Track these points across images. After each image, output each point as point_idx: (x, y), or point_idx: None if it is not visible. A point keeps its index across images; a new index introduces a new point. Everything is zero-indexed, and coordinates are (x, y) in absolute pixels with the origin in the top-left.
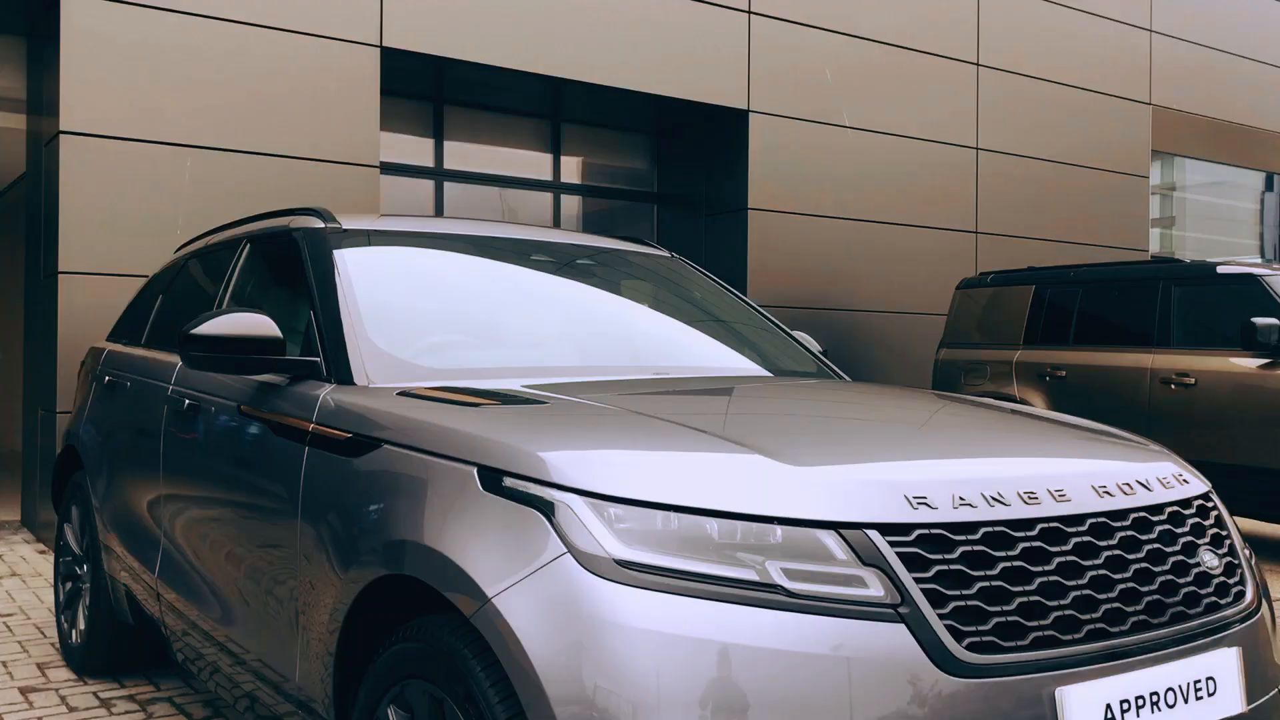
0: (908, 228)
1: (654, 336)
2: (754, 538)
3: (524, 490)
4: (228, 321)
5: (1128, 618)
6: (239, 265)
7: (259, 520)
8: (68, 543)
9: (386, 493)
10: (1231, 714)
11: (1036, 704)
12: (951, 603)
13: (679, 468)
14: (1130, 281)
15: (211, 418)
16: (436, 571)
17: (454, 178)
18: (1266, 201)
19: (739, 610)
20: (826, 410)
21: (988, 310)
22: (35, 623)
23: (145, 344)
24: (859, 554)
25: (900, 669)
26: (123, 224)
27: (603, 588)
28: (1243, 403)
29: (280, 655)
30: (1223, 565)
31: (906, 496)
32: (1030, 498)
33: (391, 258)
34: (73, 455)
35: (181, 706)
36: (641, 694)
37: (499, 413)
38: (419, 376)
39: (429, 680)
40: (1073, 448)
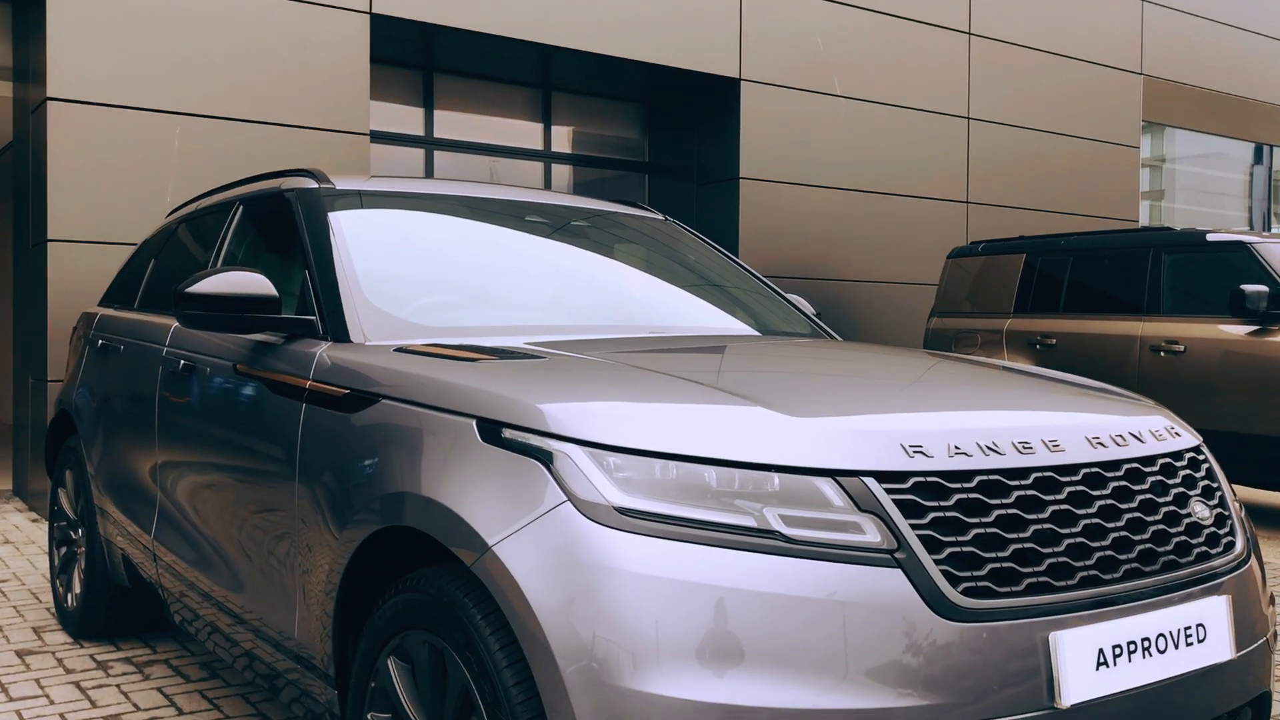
0: (899, 197)
1: (649, 297)
2: (752, 485)
3: (523, 441)
4: (223, 280)
5: (1120, 565)
6: (232, 227)
7: (257, 478)
8: (62, 507)
9: (385, 446)
10: (1221, 660)
11: (1030, 648)
12: (947, 549)
13: (677, 418)
14: (1121, 249)
15: (207, 378)
16: (436, 522)
17: (444, 146)
18: (1255, 174)
19: (737, 555)
20: (822, 366)
21: (978, 279)
22: (30, 588)
23: (138, 308)
24: (856, 501)
25: (896, 613)
26: (112, 191)
27: (603, 534)
28: (1232, 370)
29: (279, 611)
30: (1213, 516)
31: (903, 445)
32: (1024, 447)
33: (386, 218)
34: (66, 420)
35: (178, 669)
36: (641, 638)
37: (497, 367)
38: (415, 334)
39: (429, 630)
40: (1066, 401)
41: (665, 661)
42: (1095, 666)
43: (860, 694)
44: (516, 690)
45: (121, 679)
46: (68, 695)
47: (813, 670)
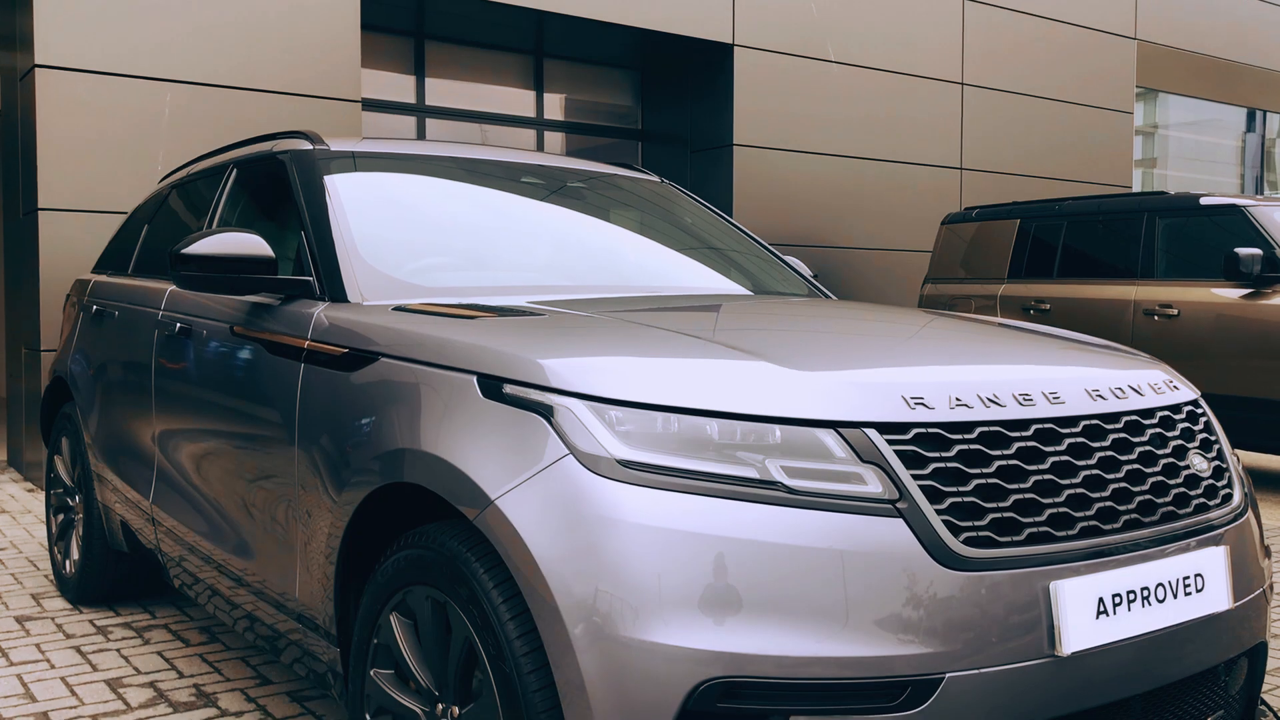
0: (893, 164)
1: (646, 258)
2: (754, 438)
3: (524, 396)
4: (219, 241)
5: (1119, 516)
6: (225, 191)
7: (256, 439)
8: (58, 475)
9: (384, 404)
10: (1219, 610)
11: (1031, 597)
12: (948, 499)
13: (677, 372)
14: (1115, 214)
15: (203, 340)
16: (438, 477)
17: (436, 114)
18: (1248, 141)
19: (740, 506)
20: (821, 323)
21: (972, 245)
22: (27, 556)
23: (132, 273)
24: (858, 452)
25: (898, 562)
26: (102, 160)
27: (605, 486)
28: (1225, 333)
29: (281, 572)
30: (1211, 469)
31: (904, 397)
32: (1025, 400)
33: (381, 178)
34: (61, 387)
35: (178, 633)
36: (644, 588)
37: (496, 324)
38: (412, 295)
39: (432, 585)
40: (1066, 356)
41: (669, 611)
42: (1095, 615)
43: (863, 642)
44: (520, 642)
45: (121, 643)
46: (68, 659)
47: (815, 619)
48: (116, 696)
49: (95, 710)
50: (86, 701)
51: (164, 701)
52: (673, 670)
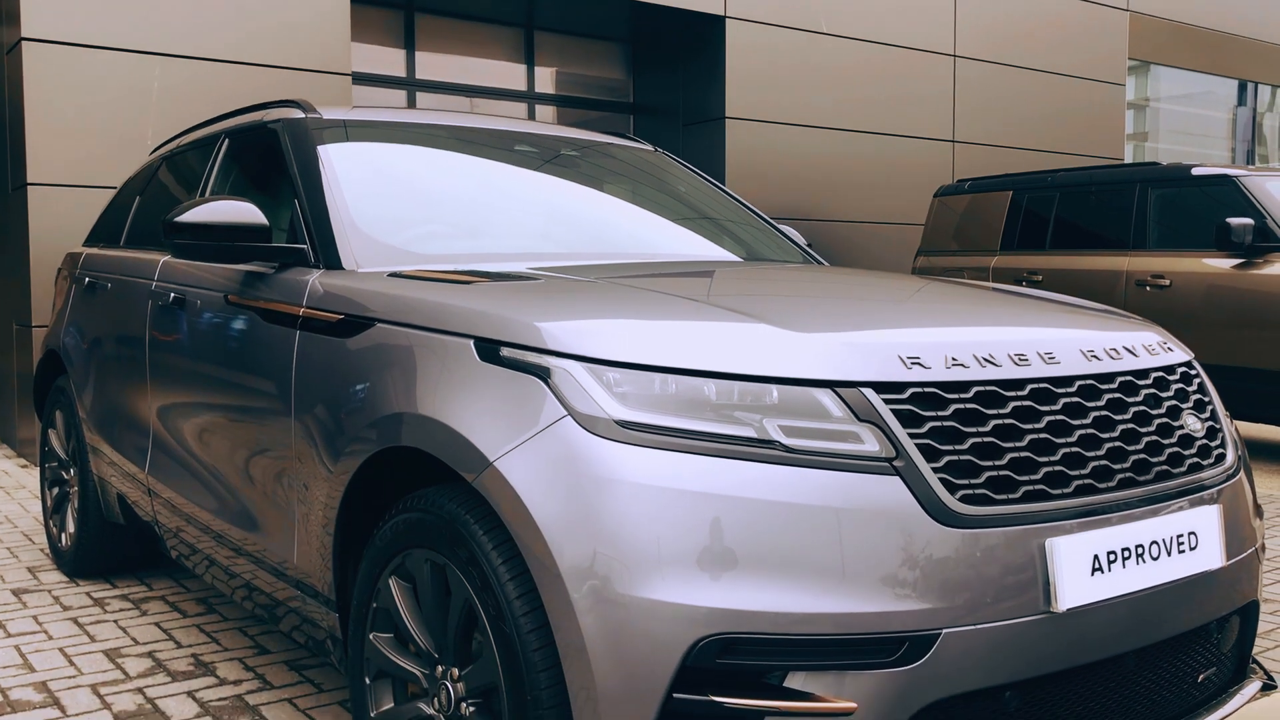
0: (885, 136)
1: (640, 225)
2: (751, 398)
3: (521, 359)
4: (213, 209)
5: (1114, 475)
6: (217, 162)
7: (252, 407)
8: (53, 448)
9: (381, 369)
10: (1212, 568)
11: (1027, 554)
12: (945, 457)
13: (674, 333)
14: (1107, 185)
15: (198, 310)
16: (436, 441)
17: (426, 88)
18: (1239, 115)
19: (738, 465)
20: (817, 287)
21: (965, 217)
22: (22, 530)
23: (124, 246)
24: (855, 411)
25: (895, 520)
26: (91, 134)
27: (603, 446)
28: (1217, 303)
29: (279, 539)
30: (1205, 429)
31: (900, 357)
32: (1020, 360)
33: (374, 146)
34: (54, 360)
35: (175, 604)
36: (644, 546)
37: (493, 288)
38: (407, 261)
39: (431, 548)
40: (1061, 318)
41: (667, 569)
42: (1090, 572)
43: (860, 598)
44: (519, 602)
45: (119, 615)
46: (66, 631)
47: (813, 576)
48: (115, 666)
49: (94, 680)
50: (85, 671)
51: (162, 671)
52: (672, 628)
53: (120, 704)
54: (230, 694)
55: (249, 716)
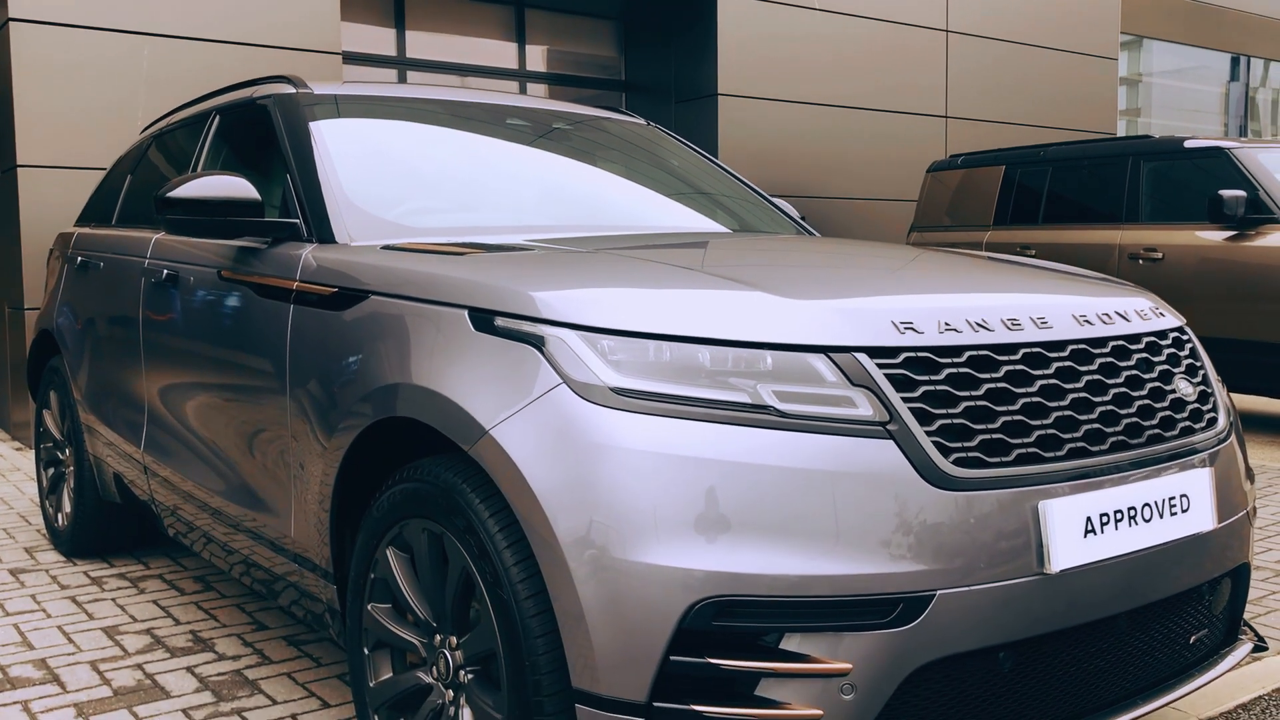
0: (878, 112)
1: (633, 198)
2: (745, 364)
3: (516, 328)
4: (205, 184)
5: (1107, 438)
6: (208, 139)
7: (247, 381)
8: (47, 428)
9: (376, 341)
10: (1203, 530)
11: (1020, 516)
12: (938, 420)
13: (668, 301)
14: (1100, 159)
15: (191, 286)
16: (432, 410)
17: (417, 66)
18: (1231, 90)
19: (732, 430)
20: (811, 257)
21: (958, 192)
22: (19, 512)
23: (116, 225)
24: (848, 376)
25: (889, 483)
26: (81, 115)
27: (599, 413)
28: (1209, 276)
29: (276, 512)
30: (1197, 393)
31: (894, 322)
32: (1013, 324)
33: (366, 120)
34: (47, 340)
35: (172, 583)
36: (639, 511)
37: (486, 259)
38: (400, 234)
39: (427, 518)
40: (1054, 284)
41: (663, 533)
42: (1083, 534)
43: (855, 560)
44: (516, 569)
45: (116, 593)
46: (64, 609)
47: (808, 539)
48: (114, 643)
49: (93, 656)
50: (84, 648)
51: (161, 647)
52: (668, 591)
53: (120, 680)
54: (229, 669)
55: (248, 691)
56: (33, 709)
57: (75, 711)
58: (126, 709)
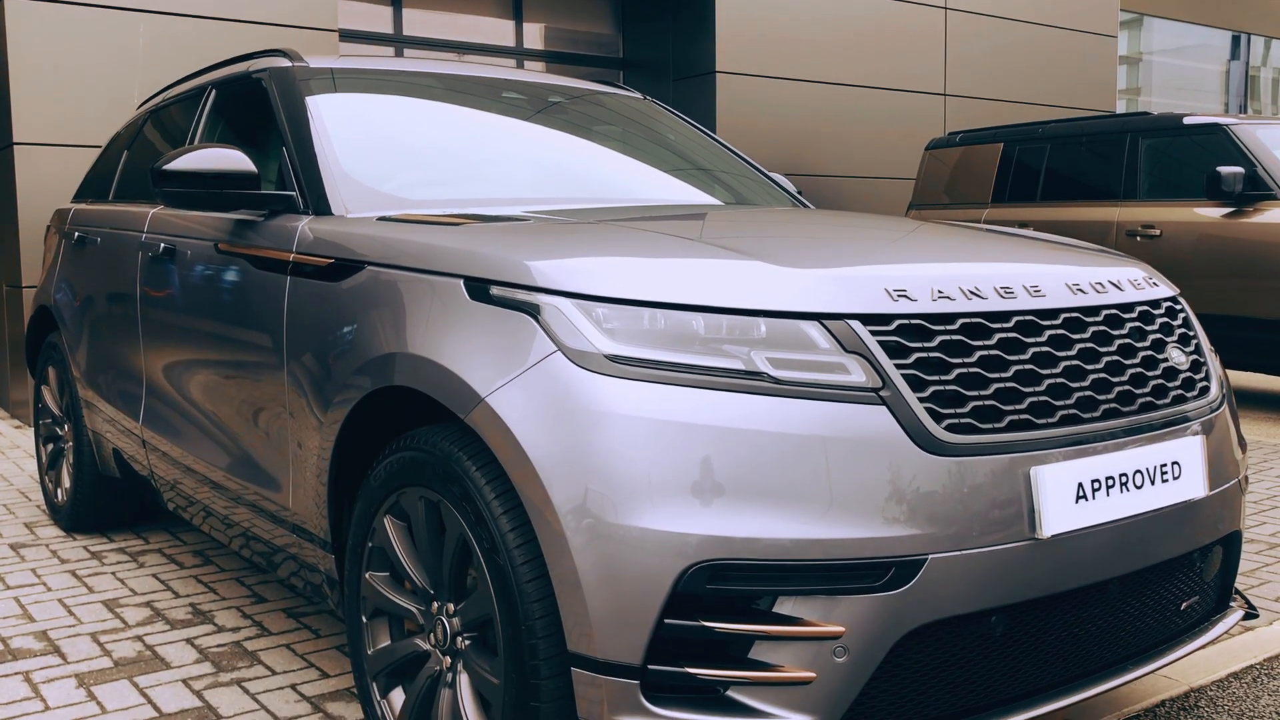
0: (877, 90)
1: (629, 171)
2: (739, 331)
3: (511, 297)
4: (201, 157)
5: (1099, 405)
6: (204, 114)
7: (245, 353)
8: (46, 405)
9: (373, 311)
10: (1194, 497)
11: (1012, 481)
12: (930, 387)
13: (662, 269)
14: (1098, 136)
15: (189, 260)
16: (429, 379)
17: (414, 44)
18: (1232, 69)
19: (726, 396)
20: (805, 228)
21: (956, 170)
22: (18, 488)
23: (113, 200)
24: (841, 343)
25: (882, 448)
26: (77, 92)
27: (593, 380)
28: (1207, 252)
29: (275, 483)
30: (1189, 362)
31: (887, 289)
32: (1006, 292)
33: (362, 94)
34: (45, 316)
35: (172, 557)
36: (634, 477)
37: (481, 228)
38: (396, 206)
39: (425, 486)
40: (1048, 254)
41: (658, 498)
42: (1074, 500)
43: (847, 525)
44: (513, 535)
45: (116, 567)
46: (65, 583)
47: (801, 503)
48: (114, 616)
49: (94, 629)
50: (85, 621)
51: (161, 619)
52: (663, 555)
53: (120, 651)
54: (229, 640)
55: (248, 661)
56: (34, 679)
57: (76, 682)
58: (127, 679)
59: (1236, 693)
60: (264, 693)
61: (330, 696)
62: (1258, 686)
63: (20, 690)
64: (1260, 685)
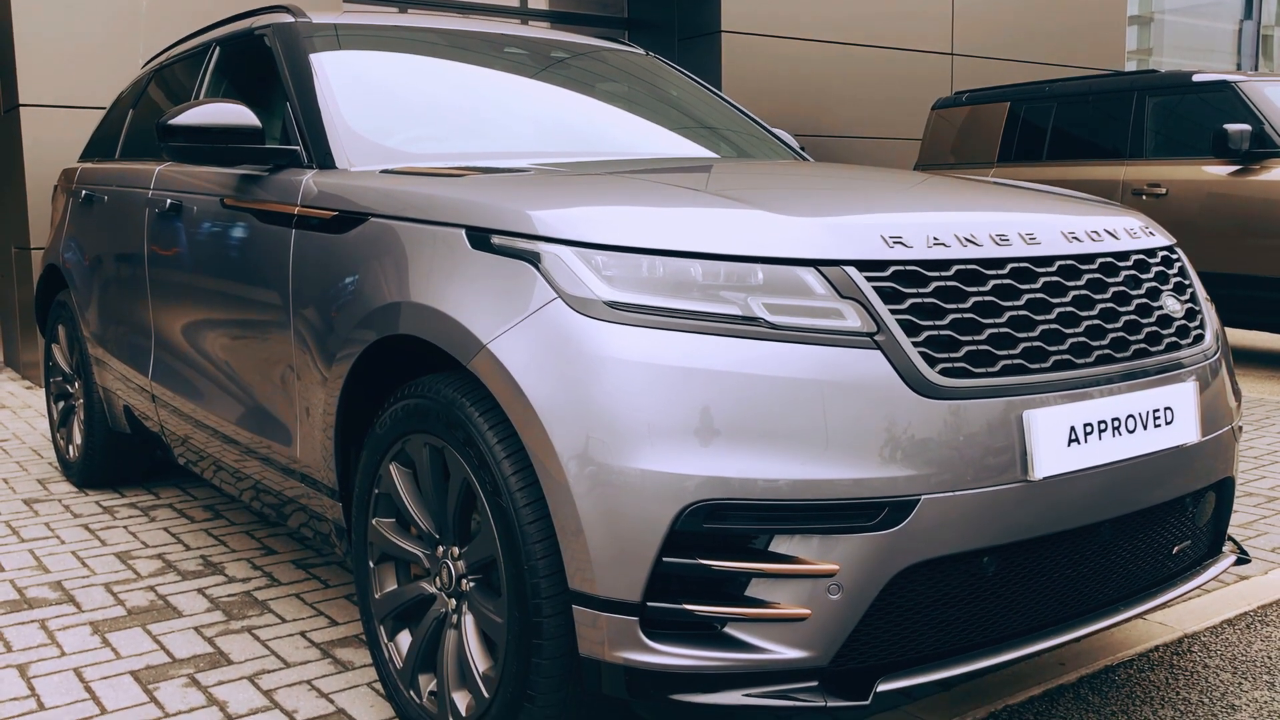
0: (884, 50)
1: (631, 126)
2: (736, 278)
3: (512, 246)
4: (206, 111)
5: (1092, 351)
6: (209, 71)
7: (251, 307)
8: (57, 363)
9: (376, 261)
10: (1187, 442)
11: (1005, 424)
12: (925, 332)
13: (661, 217)
14: (1106, 94)
15: (195, 215)
16: (432, 327)
17: (417, 3)
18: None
19: (724, 341)
20: (804, 179)
21: (963, 130)
22: (31, 446)
23: (119, 159)
24: (837, 289)
25: (876, 391)
26: (82, 54)
27: (593, 326)
28: (1213, 210)
29: (284, 434)
30: (1184, 310)
31: (883, 236)
32: (1001, 240)
33: (365, 50)
34: (55, 275)
35: (182, 511)
36: (633, 420)
37: (483, 179)
38: (399, 160)
39: (429, 433)
40: (1044, 203)
41: (657, 440)
42: (1066, 443)
43: (841, 466)
44: (515, 478)
45: (128, 521)
46: (78, 536)
47: (797, 445)
48: (126, 567)
49: (107, 579)
50: (98, 572)
51: (173, 571)
52: (661, 495)
53: (133, 600)
54: (239, 590)
55: (258, 610)
56: (50, 626)
57: (91, 629)
58: (140, 627)
59: (1229, 638)
60: (274, 639)
61: (339, 643)
62: (1250, 633)
63: (37, 637)
64: (1253, 631)
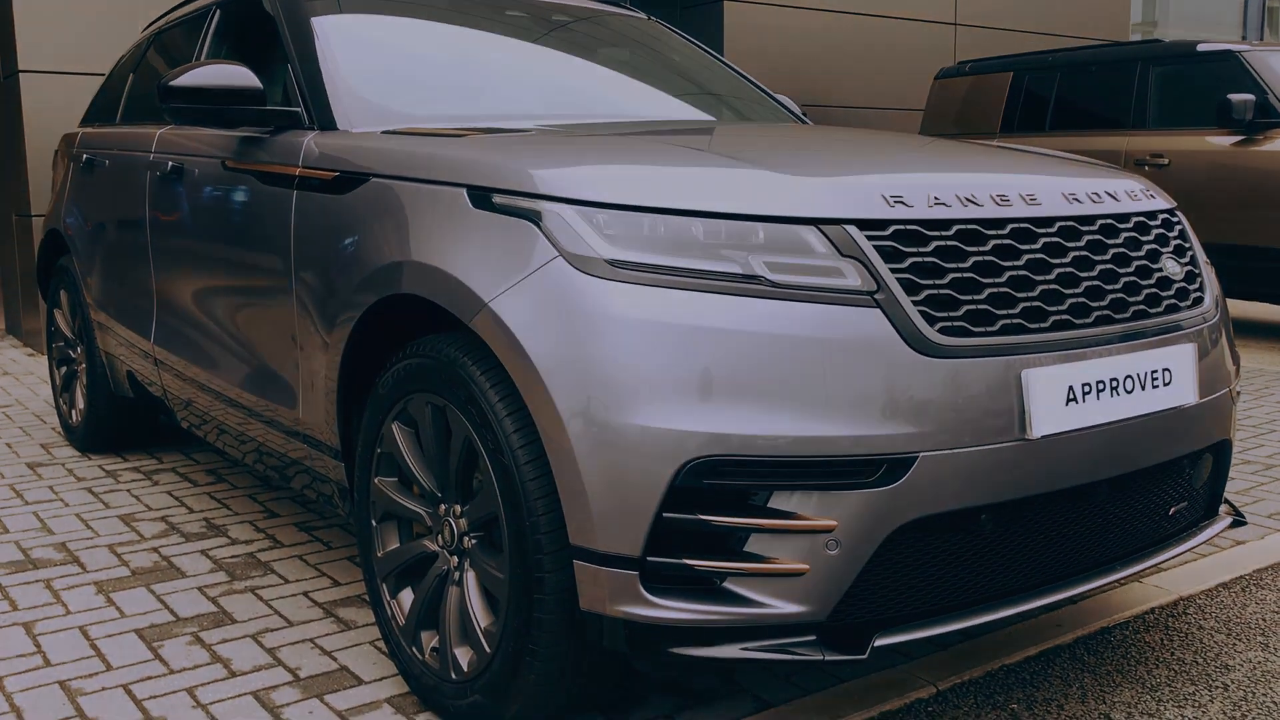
0: (887, 19)
1: (633, 90)
2: (737, 237)
3: (513, 204)
4: (206, 73)
5: (1091, 312)
6: (209, 34)
7: (253, 268)
8: (59, 328)
9: (377, 222)
10: (1185, 404)
11: (1004, 383)
12: (924, 291)
13: (662, 176)
14: (1109, 64)
15: (196, 178)
16: (433, 286)
17: None
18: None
19: (724, 299)
20: (806, 141)
21: (965, 100)
22: (34, 412)
23: (120, 123)
24: (838, 247)
25: (876, 349)
26: (81, 19)
27: (594, 284)
28: (1216, 181)
29: (286, 396)
30: (1184, 273)
31: (884, 195)
32: (1002, 200)
33: (366, 12)
34: (56, 240)
35: (185, 475)
36: (634, 377)
37: (484, 139)
38: (400, 122)
39: (431, 391)
40: (1045, 165)
41: (657, 397)
42: (1065, 402)
43: (841, 423)
44: (516, 435)
45: (131, 485)
46: (81, 499)
47: (796, 402)
48: (130, 529)
49: (110, 541)
50: (102, 534)
51: (176, 533)
52: (662, 451)
53: (137, 562)
54: (242, 552)
55: (261, 571)
56: (55, 586)
57: (95, 589)
58: (144, 586)
59: (1225, 601)
60: (277, 599)
61: (342, 603)
62: (1245, 595)
63: (42, 596)
64: (1248, 594)
